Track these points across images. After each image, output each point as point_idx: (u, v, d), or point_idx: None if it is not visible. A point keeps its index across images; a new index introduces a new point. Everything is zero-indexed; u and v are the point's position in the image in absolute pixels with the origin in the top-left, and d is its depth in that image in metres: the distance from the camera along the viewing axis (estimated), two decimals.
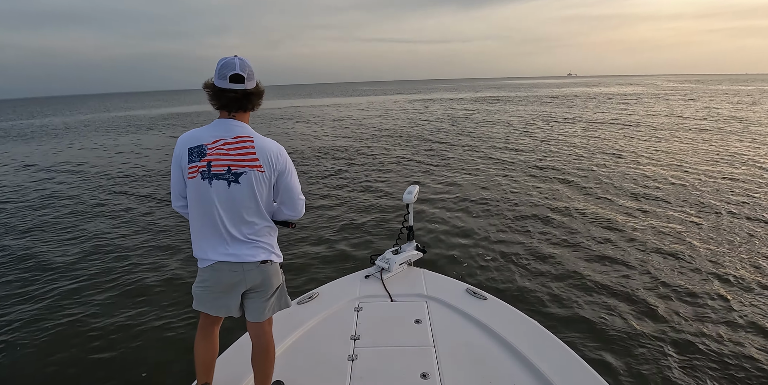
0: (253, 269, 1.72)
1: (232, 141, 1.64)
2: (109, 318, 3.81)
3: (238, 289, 1.75)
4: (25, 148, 16.55)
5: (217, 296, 1.75)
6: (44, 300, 4.20)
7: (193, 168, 1.63)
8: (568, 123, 17.44)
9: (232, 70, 1.60)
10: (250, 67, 1.64)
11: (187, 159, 1.64)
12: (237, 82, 1.61)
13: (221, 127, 1.66)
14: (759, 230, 5.23)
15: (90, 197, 8.39)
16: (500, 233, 5.35)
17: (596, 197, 6.74)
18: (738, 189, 7.06)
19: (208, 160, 1.62)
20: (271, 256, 1.77)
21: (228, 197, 1.65)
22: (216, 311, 1.79)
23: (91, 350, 3.36)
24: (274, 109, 35.76)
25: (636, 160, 9.35)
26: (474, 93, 53.55)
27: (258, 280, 1.74)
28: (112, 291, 4.35)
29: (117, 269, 4.90)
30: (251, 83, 1.66)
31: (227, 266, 1.69)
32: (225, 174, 1.63)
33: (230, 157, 1.63)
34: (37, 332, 3.64)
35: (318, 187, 8.24)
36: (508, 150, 11.32)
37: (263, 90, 1.73)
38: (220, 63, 1.62)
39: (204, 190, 1.64)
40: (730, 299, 3.70)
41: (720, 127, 15.02)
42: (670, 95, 36.15)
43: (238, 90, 1.63)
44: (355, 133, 16.92)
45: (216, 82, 1.63)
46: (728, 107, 22.93)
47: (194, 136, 1.66)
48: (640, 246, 4.82)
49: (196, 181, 1.64)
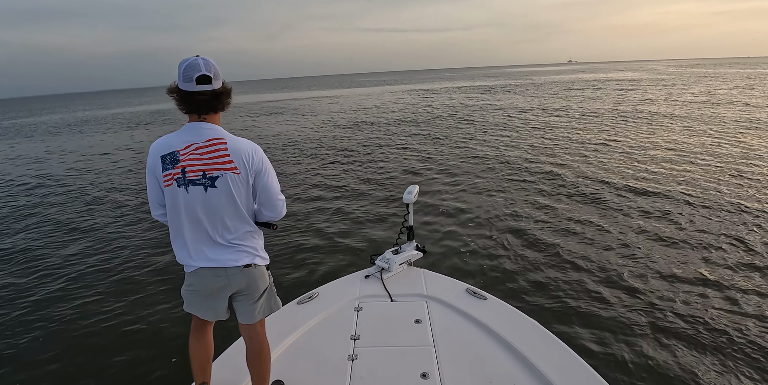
0: (237, 273, 1.71)
1: (205, 144, 1.60)
2: (104, 319, 3.81)
3: (225, 293, 1.75)
4: (30, 145, 16.56)
5: (204, 299, 1.76)
6: (36, 301, 4.21)
7: (168, 176, 1.60)
8: (569, 113, 17.29)
9: (197, 72, 1.55)
10: (215, 67, 1.59)
11: (161, 167, 1.60)
12: (204, 84, 1.56)
13: (192, 131, 1.62)
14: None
15: (82, 194, 8.40)
16: (501, 234, 5.30)
17: (597, 196, 6.59)
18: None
19: (181, 166, 1.59)
20: (255, 259, 1.74)
21: (206, 202, 1.62)
22: (203, 314, 1.81)
23: (87, 351, 3.37)
24: (273, 101, 35.61)
25: (646, 159, 9.11)
26: (472, 82, 53.07)
27: (243, 284, 1.74)
28: (106, 290, 4.35)
29: (110, 268, 4.91)
30: (218, 83, 1.61)
31: (210, 271, 1.69)
32: (201, 179, 1.59)
33: (204, 161, 1.59)
34: (30, 333, 3.65)
35: (317, 187, 8.09)
36: (510, 147, 11.04)
37: (230, 88, 1.68)
38: (183, 65, 1.56)
39: (181, 197, 1.61)
40: (738, 300, 3.65)
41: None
42: (686, 80, 35.78)
43: (207, 91, 1.58)
44: (351, 126, 16.78)
45: (181, 86, 1.58)
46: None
47: (165, 144, 1.62)
48: (640, 245, 4.76)
49: (173, 189, 1.61)
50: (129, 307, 3.99)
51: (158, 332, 3.56)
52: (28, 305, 4.14)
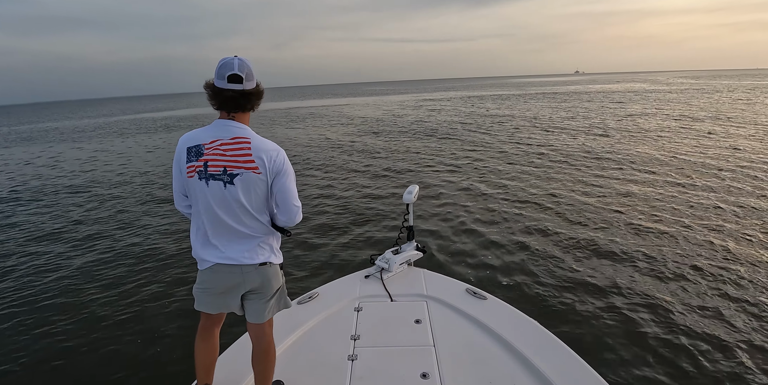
0: (252, 271, 1.71)
1: (229, 142, 1.64)
2: (108, 316, 3.84)
3: (238, 291, 1.74)
4: (44, 149, 16.81)
5: (215, 297, 1.76)
6: (42, 299, 4.25)
7: (191, 168, 1.64)
8: (575, 122, 17.32)
9: (230, 71, 1.60)
10: (249, 68, 1.64)
11: (185, 158, 1.65)
12: (235, 83, 1.61)
13: (220, 127, 1.67)
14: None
15: (98, 196, 8.49)
16: (501, 233, 5.30)
17: (599, 196, 6.61)
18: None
19: (204, 160, 1.63)
20: (271, 257, 1.76)
21: (224, 197, 1.64)
22: (216, 309, 1.80)
23: (89, 351, 3.37)
24: (278, 109, 35.91)
25: (648, 162, 9.17)
26: (479, 92, 53.35)
27: (257, 282, 1.74)
28: (110, 289, 4.39)
29: (117, 266, 4.96)
30: (250, 84, 1.65)
31: (226, 268, 1.69)
32: (221, 175, 1.62)
33: (226, 157, 1.62)
34: (35, 332, 3.67)
35: (317, 186, 8.21)
36: (510, 149, 11.16)
37: (263, 90, 1.72)
38: (220, 63, 1.62)
39: (201, 190, 1.64)
40: (738, 300, 3.63)
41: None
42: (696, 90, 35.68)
43: (236, 90, 1.62)
44: (357, 131, 16.96)
45: (215, 82, 1.63)
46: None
47: (193, 137, 1.67)
48: (641, 245, 4.75)
49: (194, 181, 1.65)
50: (135, 308, 4.00)
51: (163, 332, 3.56)
52: (33, 303, 4.17)
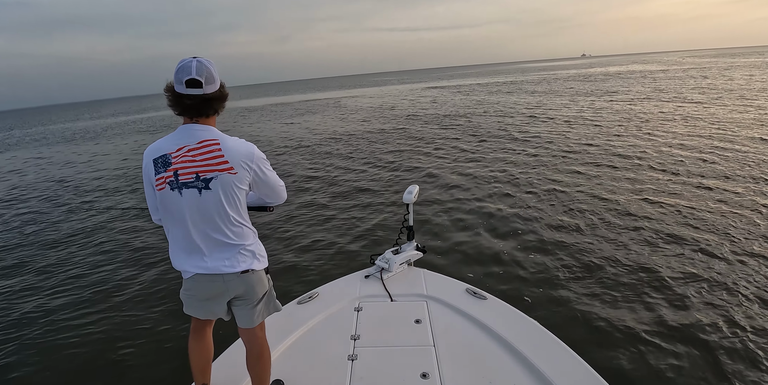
0: (234, 279, 1.66)
1: (197, 146, 1.55)
2: (102, 321, 3.87)
3: (223, 298, 1.73)
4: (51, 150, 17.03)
5: (202, 303, 1.75)
6: (38, 305, 4.29)
7: (161, 179, 1.56)
8: (575, 111, 16.95)
9: (187, 75, 1.49)
10: (210, 70, 1.53)
11: (153, 171, 1.57)
12: (194, 87, 1.50)
13: (184, 133, 1.58)
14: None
15: (83, 199, 8.60)
16: (501, 233, 5.22)
17: (600, 197, 6.37)
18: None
19: (174, 169, 1.54)
20: (253, 264, 1.69)
21: (200, 205, 1.57)
22: (204, 315, 1.80)
23: (86, 354, 3.41)
24: (292, 102, 35.89)
25: (652, 152, 8.93)
26: (485, 79, 52.63)
27: (241, 289, 1.70)
28: (104, 294, 4.41)
29: (108, 271, 4.98)
30: (211, 87, 1.54)
31: (207, 278, 1.65)
32: (194, 181, 1.54)
33: (197, 163, 1.54)
34: (31, 337, 3.71)
35: (317, 187, 8.11)
36: (512, 146, 10.68)
37: (227, 94, 1.61)
38: (177, 66, 1.51)
39: (175, 201, 1.56)
40: (739, 300, 3.53)
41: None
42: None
43: (196, 96, 1.52)
44: (357, 126, 16.76)
45: (174, 87, 1.53)
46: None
47: (157, 147, 1.59)
48: (642, 245, 4.63)
49: (166, 193, 1.56)
50: (130, 311, 4.02)
51: (158, 333, 3.59)
52: (29, 310, 4.20)
